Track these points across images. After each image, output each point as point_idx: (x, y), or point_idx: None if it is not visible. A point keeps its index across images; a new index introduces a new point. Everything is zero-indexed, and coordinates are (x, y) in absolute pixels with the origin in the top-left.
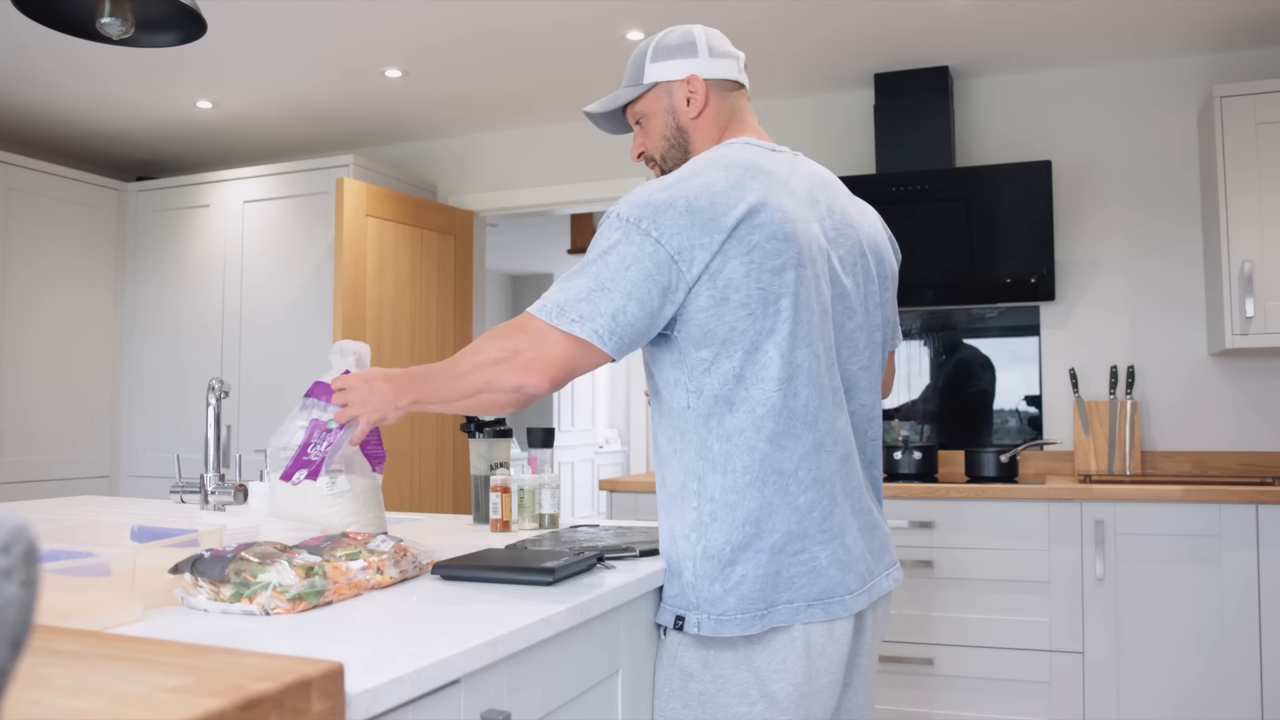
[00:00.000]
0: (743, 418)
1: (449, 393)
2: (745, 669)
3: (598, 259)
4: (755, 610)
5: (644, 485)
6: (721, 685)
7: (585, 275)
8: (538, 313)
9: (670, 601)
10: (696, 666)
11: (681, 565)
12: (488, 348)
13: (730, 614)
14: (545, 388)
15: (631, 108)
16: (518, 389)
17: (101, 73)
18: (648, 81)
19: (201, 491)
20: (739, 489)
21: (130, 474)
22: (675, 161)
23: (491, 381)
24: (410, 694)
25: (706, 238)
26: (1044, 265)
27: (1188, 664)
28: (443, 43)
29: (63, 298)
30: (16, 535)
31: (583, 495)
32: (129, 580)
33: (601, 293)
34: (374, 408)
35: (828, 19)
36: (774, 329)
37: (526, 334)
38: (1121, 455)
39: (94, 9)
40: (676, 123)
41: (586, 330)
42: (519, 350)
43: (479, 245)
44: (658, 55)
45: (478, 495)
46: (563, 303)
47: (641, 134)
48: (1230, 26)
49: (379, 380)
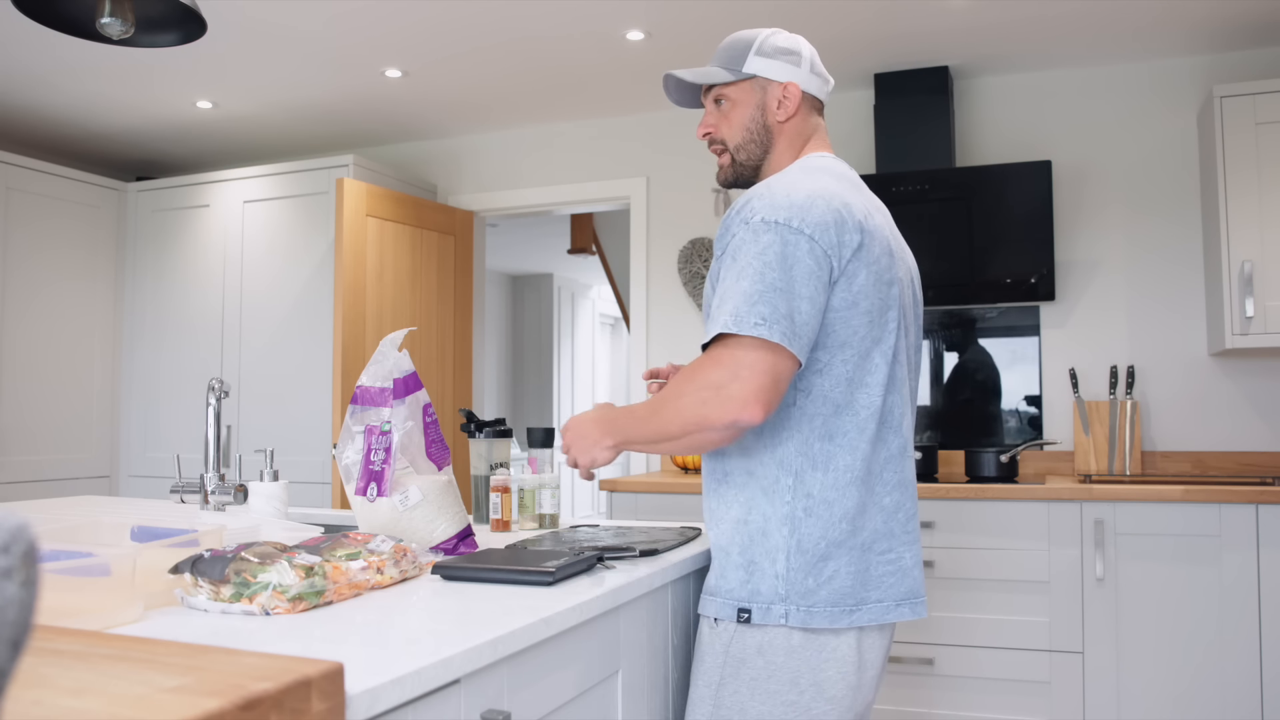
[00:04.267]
0: (848, 420)
1: (655, 433)
2: (799, 658)
3: (755, 262)
4: (846, 605)
5: (644, 485)
6: (773, 672)
7: (745, 279)
8: (722, 329)
9: (729, 594)
10: (750, 653)
11: (765, 558)
12: (686, 390)
13: (820, 607)
14: (760, 416)
15: (719, 88)
16: (731, 425)
17: (101, 73)
18: (747, 71)
19: (201, 491)
20: (839, 487)
21: (130, 474)
22: (750, 155)
23: (704, 421)
24: (410, 694)
25: (848, 237)
26: (1044, 265)
27: (1188, 664)
28: (443, 43)
29: (63, 297)
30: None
31: (583, 495)
32: (129, 580)
33: (774, 294)
34: (583, 450)
35: (828, 19)
36: (882, 338)
37: (720, 366)
38: (1121, 455)
39: (94, 9)
40: (765, 121)
41: (776, 333)
42: (721, 385)
43: (479, 245)
44: (764, 51)
45: (478, 495)
46: (737, 311)
47: (718, 116)
48: (1230, 26)
49: (590, 423)
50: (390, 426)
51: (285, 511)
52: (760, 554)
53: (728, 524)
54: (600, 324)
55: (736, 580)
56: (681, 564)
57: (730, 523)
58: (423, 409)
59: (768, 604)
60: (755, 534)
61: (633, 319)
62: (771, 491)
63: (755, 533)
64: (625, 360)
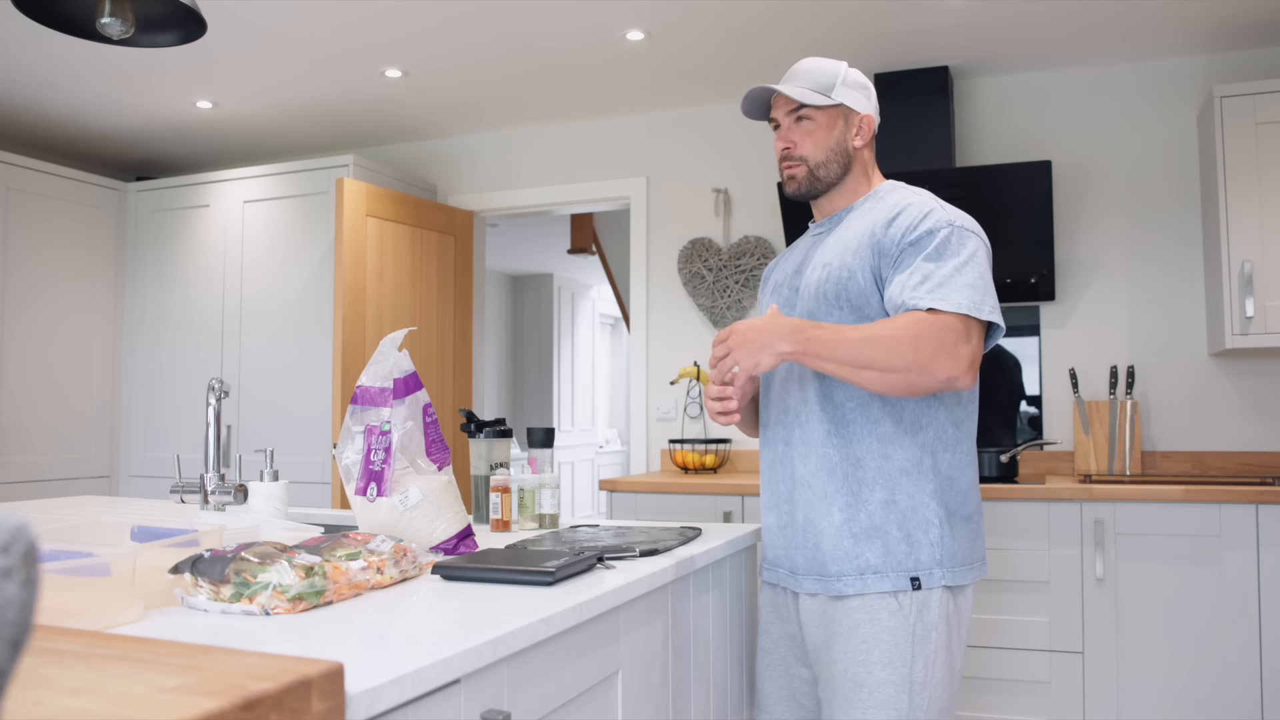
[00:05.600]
0: (968, 407)
1: (859, 358)
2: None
3: (973, 260)
4: (978, 561)
5: (644, 485)
6: (943, 634)
7: (969, 273)
8: (959, 309)
9: (899, 567)
10: (931, 622)
11: (920, 530)
12: (925, 334)
13: (965, 564)
14: (970, 384)
15: (807, 109)
16: (949, 381)
17: (101, 73)
18: (836, 98)
19: (201, 491)
20: (962, 465)
21: (130, 474)
22: (830, 173)
23: (929, 365)
24: (410, 694)
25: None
26: (1044, 265)
27: (1188, 664)
28: (443, 43)
29: (63, 297)
30: (16, 535)
31: (583, 495)
32: (129, 580)
33: (989, 291)
34: (751, 351)
35: (828, 19)
36: (998, 329)
37: (958, 330)
38: (1121, 455)
39: (94, 9)
40: (847, 145)
41: (1000, 323)
42: (956, 345)
43: (479, 245)
44: (848, 83)
45: (478, 495)
46: (977, 301)
47: (799, 133)
48: (1230, 26)
49: (766, 329)
50: (390, 426)
51: (285, 511)
52: (915, 527)
53: (875, 505)
54: (600, 324)
55: (901, 553)
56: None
57: (878, 504)
58: (423, 409)
59: (929, 570)
60: (906, 510)
61: (633, 319)
62: (914, 472)
63: (906, 509)
64: (625, 360)
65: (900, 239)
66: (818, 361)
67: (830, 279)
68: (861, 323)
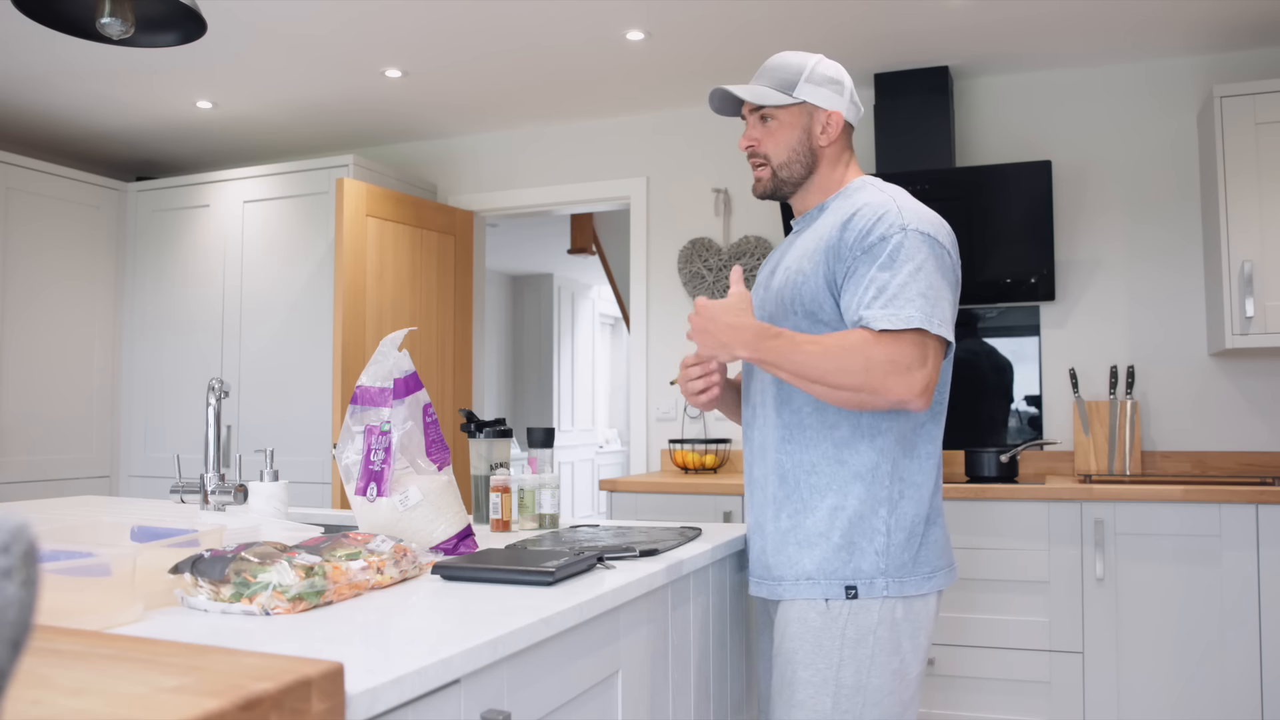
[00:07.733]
0: (934, 414)
1: (813, 372)
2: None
3: (920, 269)
4: (940, 569)
5: (644, 485)
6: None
7: (919, 281)
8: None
9: (834, 575)
10: (865, 631)
11: (864, 538)
12: (875, 355)
13: (921, 574)
14: (924, 408)
15: (767, 108)
16: (899, 404)
17: (101, 73)
18: (797, 96)
19: (201, 491)
20: (925, 471)
21: (130, 474)
22: (793, 174)
23: (879, 388)
24: (410, 694)
25: (958, 255)
26: (1044, 265)
27: (1188, 664)
28: (443, 43)
29: (63, 297)
30: (16, 535)
31: (583, 495)
32: (129, 580)
33: (944, 302)
34: (709, 345)
35: (828, 19)
36: (950, 345)
37: (913, 349)
38: (1121, 455)
39: (94, 9)
40: (810, 144)
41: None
42: (910, 367)
43: (479, 245)
44: (813, 78)
45: (478, 495)
46: (928, 313)
47: (763, 132)
48: (1230, 26)
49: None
50: (390, 426)
51: (285, 511)
52: (860, 535)
53: (822, 512)
54: (600, 324)
55: (839, 561)
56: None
57: (825, 511)
58: (423, 409)
59: (870, 579)
60: (853, 517)
61: (633, 319)
62: (869, 478)
63: (853, 516)
64: (625, 360)
65: (854, 244)
66: (773, 369)
67: (789, 284)
68: (817, 329)
